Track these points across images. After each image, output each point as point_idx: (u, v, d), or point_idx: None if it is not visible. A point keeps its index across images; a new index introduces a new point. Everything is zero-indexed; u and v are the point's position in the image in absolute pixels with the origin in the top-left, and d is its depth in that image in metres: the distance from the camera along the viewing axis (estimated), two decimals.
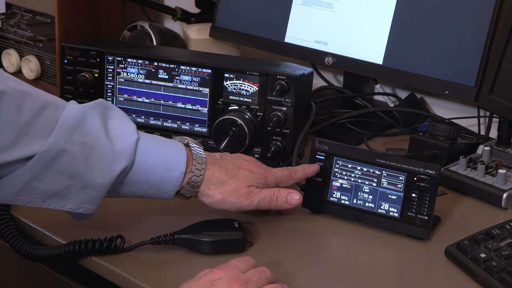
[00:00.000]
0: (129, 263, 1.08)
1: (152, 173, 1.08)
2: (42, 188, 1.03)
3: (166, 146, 1.10)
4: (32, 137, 1.01)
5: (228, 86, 1.32)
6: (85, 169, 1.04)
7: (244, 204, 1.13)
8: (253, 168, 1.16)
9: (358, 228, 1.20)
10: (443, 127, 1.38)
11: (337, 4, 1.59)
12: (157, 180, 1.09)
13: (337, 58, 1.58)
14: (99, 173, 1.05)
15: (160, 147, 1.10)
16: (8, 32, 1.79)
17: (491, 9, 1.42)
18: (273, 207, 1.15)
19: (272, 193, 1.15)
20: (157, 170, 1.08)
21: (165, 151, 1.10)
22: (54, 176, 1.03)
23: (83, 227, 1.15)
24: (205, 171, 1.11)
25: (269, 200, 1.14)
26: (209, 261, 1.08)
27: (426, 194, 1.15)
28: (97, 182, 1.05)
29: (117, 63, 1.36)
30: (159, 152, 1.09)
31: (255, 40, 1.68)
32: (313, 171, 1.21)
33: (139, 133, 1.09)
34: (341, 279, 1.08)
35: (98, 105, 1.08)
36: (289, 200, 1.15)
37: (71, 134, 1.03)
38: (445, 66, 1.47)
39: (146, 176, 1.08)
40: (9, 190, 1.03)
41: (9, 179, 1.02)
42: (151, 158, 1.08)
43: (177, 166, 1.09)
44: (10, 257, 1.22)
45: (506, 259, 1.05)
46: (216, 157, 1.16)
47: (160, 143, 1.11)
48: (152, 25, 1.71)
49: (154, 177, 1.08)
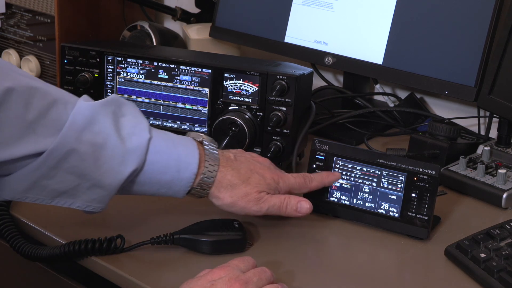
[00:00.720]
0: (129, 263, 1.08)
1: (164, 174, 1.07)
2: (50, 186, 1.03)
3: (179, 146, 1.09)
4: (40, 134, 1.00)
5: (228, 86, 1.32)
6: (94, 169, 1.03)
7: (253, 209, 1.12)
8: (266, 172, 1.15)
9: (358, 228, 1.20)
10: (443, 127, 1.38)
11: (337, 4, 1.59)
12: (168, 181, 1.08)
13: (337, 58, 1.58)
14: (109, 173, 1.04)
15: (173, 146, 1.08)
16: (8, 32, 1.79)
17: (491, 9, 1.42)
18: (282, 214, 1.14)
19: (282, 200, 1.14)
20: (168, 170, 1.07)
21: (178, 151, 1.08)
22: (63, 175, 1.03)
23: (83, 227, 1.15)
24: (217, 173, 1.10)
25: (279, 207, 1.13)
26: (209, 261, 1.08)
27: (426, 194, 1.15)
28: (106, 182, 1.04)
29: (117, 63, 1.36)
30: (172, 152, 1.08)
31: (255, 40, 1.68)
32: (331, 180, 1.20)
33: (152, 131, 1.08)
34: (341, 279, 1.08)
35: (111, 103, 1.07)
36: (298, 208, 1.14)
37: (81, 133, 1.02)
38: (445, 66, 1.47)
39: (157, 176, 1.07)
40: (18, 187, 1.02)
41: (17, 176, 1.01)
42: (163, 158, 1.07)
43: (189, 167, 1.08)
44: (10, 257, 1.22)
45: (506, 259, 1.05)
46: (230, 158, 1.14)
47: (173, 142, 1.09)
48: (152, 25, 1.71)
49: (166, 177, 1.08)
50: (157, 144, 1.07)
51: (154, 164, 1.07)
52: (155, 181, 1.08)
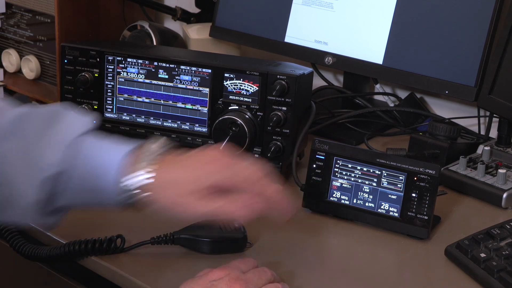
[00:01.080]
0: (129, 263, 1.08)
1: (88, 180, 0.98)
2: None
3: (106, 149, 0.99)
4: None
5: (228, 86, 1.32)
6: (13, 176, 0.97)
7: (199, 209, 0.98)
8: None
9: (358, 228, 1.20)
10: (443, 127, 1.38)
11: (337, 4, 1.59)
12: (95, 186, 0.98)
13: (337, 58, 1.58)
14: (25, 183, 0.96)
15: (101, 149, 0.99)
16: (8, 32, 1.79)
17: (491, 9, 1.42)
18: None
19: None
20: (93, 175, 0.97)
21: (104, 155, 0.98)
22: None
23: (83, 227, 1.15)
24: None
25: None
26: (209, 261, 1.08)
27: (426, 194, 1.15)
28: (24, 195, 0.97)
29: (117, 63, 1.36)
30: (97, 155, 0.98)
31: (255, 40, 1.68)
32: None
33: (83, 138, 0.99)
34: (341, 279, 1.08)
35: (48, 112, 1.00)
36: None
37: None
38: (445, 66, 1.47)
39: (82, 183, 0.98)
40: None
41: None
42: (88, 163, 0.98)
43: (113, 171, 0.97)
44: (10, 257, 1.22)
45: (506, 259, 1.05)
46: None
47: (102, 146, 0.99)
48: (152, 25, 1.71)
49: (91, 183, 0.98)
50: (83, 147, 0.98)
51: (79, 168, 0.97)
52: (82, 188, 0.98)
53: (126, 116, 1.37)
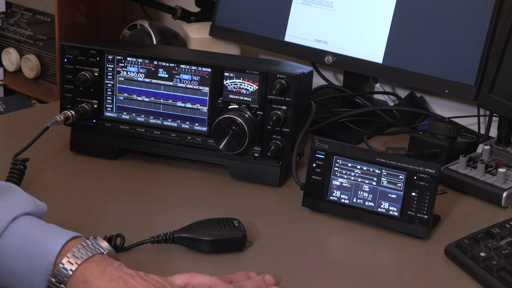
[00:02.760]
0: (129, 262, 1.08)
1: (16, 260, 0.92)
2: None
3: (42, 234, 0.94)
4: None
5: (228, 85, 1.32)
6: None
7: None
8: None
9: (358, 227, 1.20)
10: (443, 126, 1.38)
11: (337, 3, 1.59)
12: (23, 270, 0.92)
13: (337, 57, 1.58)
14: None
15: (35, 232, 0.94)
16: (8, 31, 1.80)
17: (491, 8, 1.42)
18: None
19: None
20: (21, 257, 0.92)
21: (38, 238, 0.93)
22: None
23: (83, 226, 1.15)
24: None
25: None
26: (209, 260, 1.08)
27: (426, 193, 1.15)
28: None
29: (117, 62, 1.36)
30: (30, 237, 0.93)
31: (255, 39, 1.68)
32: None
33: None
34: (341, 278, 1.08)
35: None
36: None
37: None
38: (445, 65, 1.47)
39: (9, 263, 0.93)
40: None
41: None
42: (18, 243, 0.93)
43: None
44: None
45: (506, 258, 1.05)
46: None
47: (36, 231, 0.94)
48: (152, 24, 1.72)
49: (19, 265, 0.92)
50: (16, 228, 0.94)
51: (6, 248, 0.93)
52: (7, 270, 0.93)
53: (126, 115, 1.37)
